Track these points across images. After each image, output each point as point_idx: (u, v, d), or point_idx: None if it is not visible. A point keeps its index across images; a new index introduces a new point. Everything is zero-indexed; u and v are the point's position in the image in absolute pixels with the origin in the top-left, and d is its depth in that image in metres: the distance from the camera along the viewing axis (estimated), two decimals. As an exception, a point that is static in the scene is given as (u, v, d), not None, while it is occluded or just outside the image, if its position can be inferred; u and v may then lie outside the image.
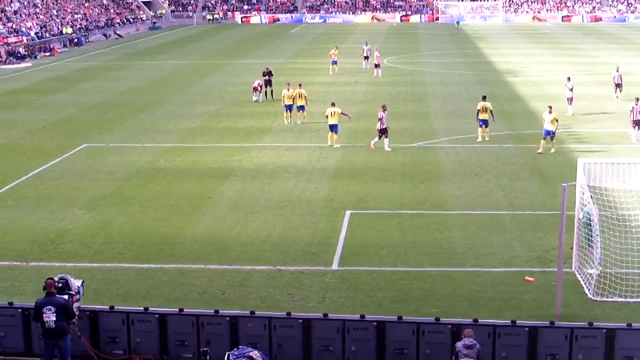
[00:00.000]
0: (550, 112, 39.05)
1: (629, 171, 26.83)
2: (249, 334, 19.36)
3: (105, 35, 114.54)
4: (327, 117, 41.85)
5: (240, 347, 18.71)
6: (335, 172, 36.96)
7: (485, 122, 41.88)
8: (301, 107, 47.81)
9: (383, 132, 40.20)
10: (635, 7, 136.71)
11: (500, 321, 19.53)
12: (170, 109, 53.86)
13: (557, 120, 39.30)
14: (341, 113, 42.04)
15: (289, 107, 47.69)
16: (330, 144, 41.58)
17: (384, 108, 40.57)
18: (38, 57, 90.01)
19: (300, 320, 19.42)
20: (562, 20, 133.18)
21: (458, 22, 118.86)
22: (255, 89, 56.26)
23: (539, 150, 39.06)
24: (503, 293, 23.53)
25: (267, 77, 56.92)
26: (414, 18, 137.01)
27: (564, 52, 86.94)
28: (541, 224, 29.36)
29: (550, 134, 39.02)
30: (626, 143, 41.45)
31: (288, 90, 47.81)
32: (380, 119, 40.04)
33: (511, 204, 31.91)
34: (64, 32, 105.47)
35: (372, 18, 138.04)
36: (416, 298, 23.27)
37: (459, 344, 17.81)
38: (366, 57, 72.91)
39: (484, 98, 42.51)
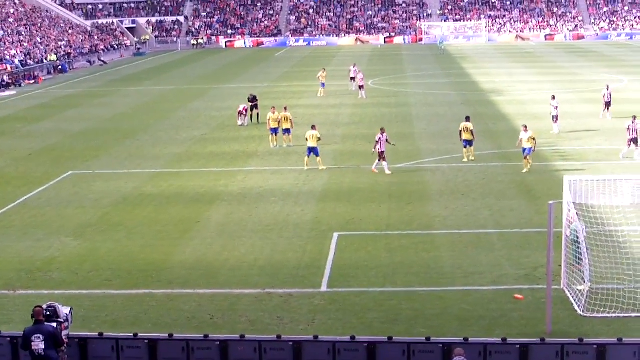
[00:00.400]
0: (526, 131, 39.12)
1: (614, 188, 26.96)
2: (240, 358, 19.30)
3: (89, 62, 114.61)
4: (306, 139, 41.84)
5: (230, 371, 18.68)
6: (322, 194, 36.97)
7: (468, 142, 41.94)
8: (287, 130, 47.82)
9: (381, 155, 39.87)
10: (617, 25, 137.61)
11: (491, 339, 19.53)
12: (156, 135, 53.84)
13: (534, 139, 39.41)
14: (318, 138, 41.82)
15: (275, 131, 47.70)
16: (308, 168, 41.45)
17: (382, 130, 40.34)
18: (22, 84, 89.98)
19: (291, 343, 19.38)
20: (545, 39, 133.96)
21: (442, 43, 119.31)
22: (240, 113, 56.29)
23: (524, 170, 39.12)
24: (493, 311, 23.52)
25: (252, 102, 57.02)
26: (398, 39, 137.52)
27: (547, 70, 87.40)
28: (529, 241, 29.40)
29: (528, 152, 39.01)
30: (612, 160, 41.62)
31: (273, 113, 47.82)
32: (378, 141, 39.68)
33: (498, 222, 31.97)
34: (48, 59, 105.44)
35: (356, 40, 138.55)
36: (406, 318, 23.24)
37: (449, 363, 17.82)
38: (352, 79, 73.03)
39: (467, 119, 42.52)
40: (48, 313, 18.88)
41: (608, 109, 53.46)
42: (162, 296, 25.45)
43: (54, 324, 18.76)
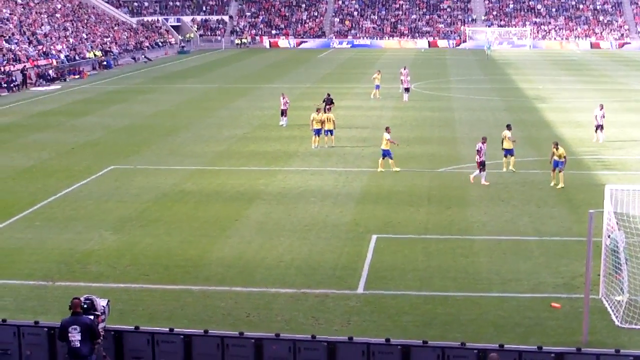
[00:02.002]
0: (557, 149, 38.48)
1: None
2: (274, 357, 19.30)
3: (134, 58, 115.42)
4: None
5: (264, 369, 18.71)
6: (361, 196, 36.96)
7: (509, 152, 41.24)
8: (329, 131, 47.90)
9: (481, 165, 38.60)
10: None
11: (526, 347, 19.39)
12: (198, 132, 54.10)
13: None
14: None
15: (318, 132, 47.77)
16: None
17: (483, 140, 38.94)
18: (67, 79, 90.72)
19: (325, 343, 19.35)
20: (591, 47, 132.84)
21: (489, 48, 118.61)
22: (283, 111, 56.37)
23: (553, 183, 38.44)
24: (529, 319, 23.38)
25: (328, 104, 56.35)
26: (442, 43, 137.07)
27: (591, 79, 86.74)
28: (568, 250, 29.21)
29: (560, 165, 38.43)
30: (654, 170, 41.24)
31: (318, 114, 47.93)
32: (479, 151, 38.45)
33: (538, 229, 31.77)
34: (93, 55, 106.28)
35: (399, 43, 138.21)
36: (441, 323, 23.17)
37: (484, 369, 17.74)
38: (402, 81, 72.50)
39: (508, 127, 41.97)
40: (85, 305, 19.00)
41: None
42: (199, 292, 25.57)
43: (91, 317, 18.89)
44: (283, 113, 56.38)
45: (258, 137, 52.31)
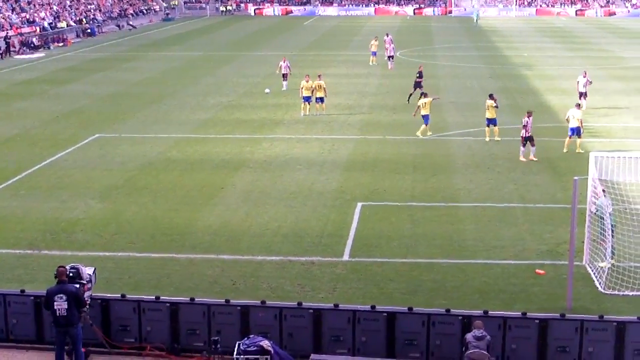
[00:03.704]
0: (579, 108, 38.59)
1: (641, 165, 26.79)
2: (260, 324, 19.41)
3: (118, 26, 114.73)
4: (418, 107, 42.32)
5: (251, 336, 18.74)
6: (347, 164, 36.97)
7: (491, 121, 40.76)
8: (320, 99, 47.84)
9: (528, 139, 37.04)
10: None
11: (511, 313, 19.54)
12: (183, 100, 53.94)
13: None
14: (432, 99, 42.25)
15: (307, 99, 47.68)
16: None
17: (529, 114, 37.40)
18: (51, 47, 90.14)
19: (311, 311, 19.47)
20: (576, 15, 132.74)
21: (477, 15, 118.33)
22: (284, 75, 56.76)
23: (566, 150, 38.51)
24: (513, 286, 23.53)
25: (419, 79, 53.67)
26: (427, 11, 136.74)
27: (577, 46, 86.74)
28: (552, 217, 29.34)
29: (576, 132, 38.40)
30: (638, 137, 41.37)
31: (307, 81, 47.84)
32: (525, 126, 36.91)
33: (523, 197, 31.89)
34: (78, 22, 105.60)
35: (384, 11, 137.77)
36: (426, 290, 23.29)
37: (468, 335, 17.85)
38: (386, 48, 72.26)
39: (490, 96, 41.25)
40: (71, 274, 19.03)
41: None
42: (185, 261, 25.62)
43: (77, 285, 18.91)
44: (284, 77, 56.44)
45: (243, 104, 52.20)
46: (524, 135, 37.05)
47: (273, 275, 24.41)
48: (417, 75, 53.46)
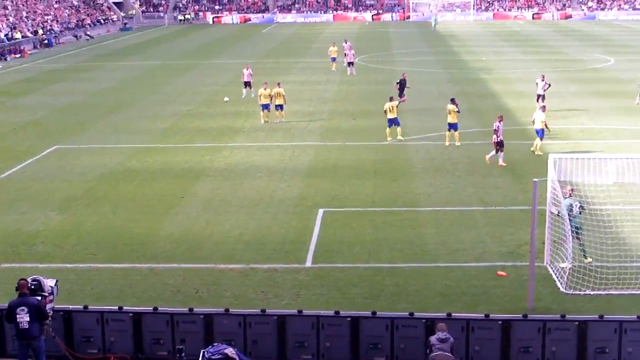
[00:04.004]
0: (543, 111, 39.17)
1: (599, 166, 27.09)
2: (224, 332, 19.38)
3: (75, 36, 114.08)
4: (385, 112, 42.10)
5: (215, 344, 18.71)
6: (307, 170, 37.01)
7: (452, 126, 40.86)
8: (279, 106, 47.80)
9: (499, 144, 36.78)
10: (605, 4, 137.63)
11: (474, 315, 19.66)
12: (142, 110, 53.75)
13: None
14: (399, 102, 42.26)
15: (266, 106, 47.62)
16: (391, 139, 42.14)
17: (500, 118, 37.31)
18: (8, 59, 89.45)
19: (275, 317, 19.47)
20: (533, 18, 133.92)
21: (435, 20, 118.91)
22: (246, 83, 56.86)
23: (536, 151, 38.75)
24: (475, 288, 23.66)
25: (401, 84, 53.18)
26: (386, 17, 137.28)
27: (534, 49, 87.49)
28: (513, 219, 29.53)
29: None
30: (596, 139, 41.82)
31: (265, 89, 47.81)
32: (496, 130, 36.72)
33: (482, 200, 32.08)
34: (34, 33, 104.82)
35: (343, 17, 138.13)
36: (389, 294, 23.36)
37: (432, 338, 17.93)
38: (345, 54, 72.47)
39: (452, 101, 41.33)
40: (32, 287, 18.88)
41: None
42: (147, 270, 25.50)
43: (39, 297, 18.78)
44: (247, 85, 56.56)
45: (203, 113, 52.09)
46: (496, 140, 36.88)
47: (236, 283, 24.37)
48: (397, 82, 53.44)
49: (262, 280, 24.51)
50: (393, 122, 41.87)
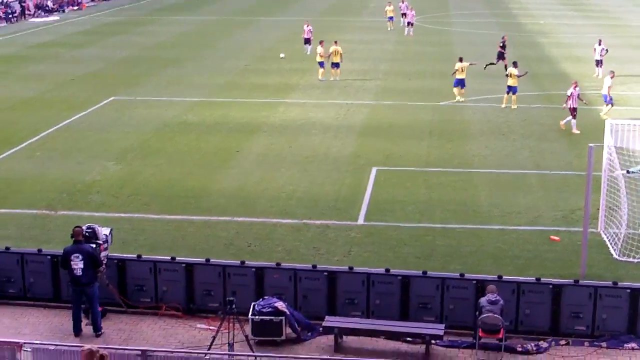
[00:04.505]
0: (612, 77, 38.77)
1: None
2: (275, 285, 19.52)
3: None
4: (455, 72, 42.44)
5: (265, 297, 18.92)
6: (362, 129, 36.97)
7: (511, 89, 40.59)
8: (336, 64, 47.81)
9: (574, 111, 36.09)
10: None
11: (525, 278, 19.57)
12: (199, 64, 53.93)
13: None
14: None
15: (322, 64, 47.65)
16: (458, 98, 42.18)
17: (575, 84, 36.75)
18: (66, 10, 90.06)
19: (326, 273, 19.56)
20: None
21: None
22: (306, 40, 57.39)
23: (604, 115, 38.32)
24: (528, 252, 23.57)
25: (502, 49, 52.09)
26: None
27: (594, 14, 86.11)
28: (567, 184, 29.32)
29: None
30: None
31: (322, 47, 47.80)
32: (570, 96, 36.12)
33: (538, 164, 31.85)
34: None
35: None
36: (441, 254, 23.36)
37: (482, 300, 17.95)
38: (403, 14, 72.03)
39: (514, 64, 41.34)
40: (87, 234, 19.16)
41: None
42: (200, 223, 25.73)
43: (93, 245, 19.05)
44: (307, 41, 56.69)
45: (259, 69, 52.15)
46: (571, 107, 36.14)
47: (288, 238, 24.53)
48: (500, 45, 52.23)
49: (314, 236, 24.63)
50: (460, 83, 41.64)
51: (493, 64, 50.53)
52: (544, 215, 26.39)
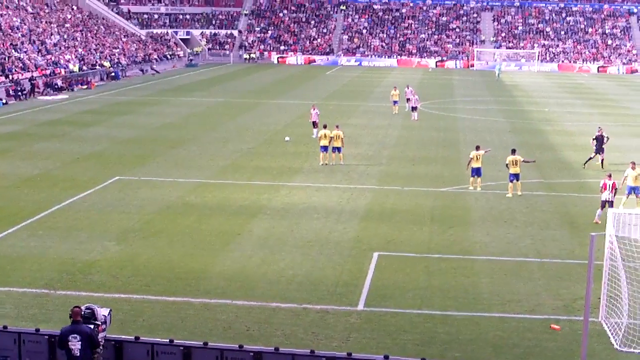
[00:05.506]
0: (633, 169, 37.89)
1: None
2: (272, 371, 19.38)
3: (142, 70, 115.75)
4: (470, 161, 42.14)
5: (262, 383, 18.78)
6: (364, 213, 37.03)
7: (515, 176, 40.60)
8: (337, 149, 48.01)
9: (606, 203, 35.49)
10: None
11: (524, 368, 19.44)
12: (203, 146, 54.26)
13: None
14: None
15: (325, 149, 47.89)
16: (472, 188, 41.86)
17: (609, 175, 36.60)
18: (75, 89, 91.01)
19: (324, 358, 19.41)
20: (598, 71, 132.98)
21: (499, 69, 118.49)
22: (314, 123, 57.62)
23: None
24: (528, 340, 23.42)
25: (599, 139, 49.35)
26: (450, 64, 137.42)
27: (598, 102, 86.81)
28: (569, 272, 29.24)
29: (636, 191, 37.99)
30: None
31: (324, 131, 48.12)
32: (605, 187, 35.92)
33: (539, 251, 31.81)
34: (102, 65, 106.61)
35: (407, 62, 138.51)
36: (440, 342, 23.22)
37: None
38: (408, 100, 72.84)
39: (513, 152, 41.48)
40: (86, 314, 19.06)
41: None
42: (200, 305, 25.65)
43: (91, 326, 18.96)
44: (314, 124, 57.08)
45: (263, 152, 52.43)
46: (609, 199, 35.71)
47: (287, 322, 24.41)
48: (595, 139, 49.54)
49: (313, 321, 24.51)
50: (476, 172, 41.64)
51: (590, 158, 49.06)
52: (544, 303, 26.28)
